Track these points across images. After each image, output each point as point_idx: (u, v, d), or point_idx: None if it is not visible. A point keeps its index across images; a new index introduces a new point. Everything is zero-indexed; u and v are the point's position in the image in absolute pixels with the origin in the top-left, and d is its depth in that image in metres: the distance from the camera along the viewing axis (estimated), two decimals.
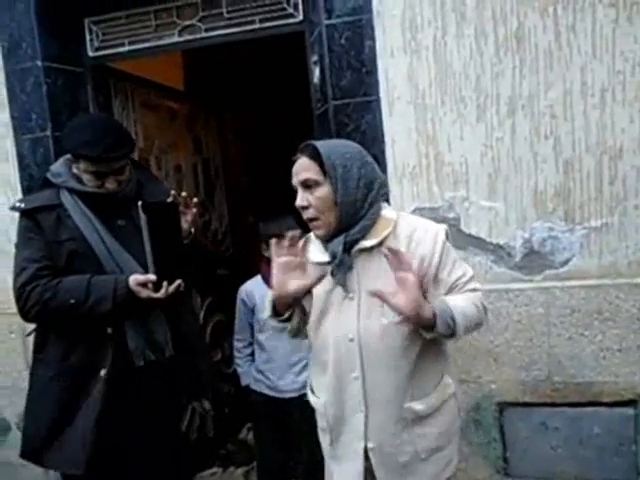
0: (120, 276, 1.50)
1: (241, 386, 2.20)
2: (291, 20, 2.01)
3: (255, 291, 2.07)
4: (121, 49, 2.17)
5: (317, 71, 1.98)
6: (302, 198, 1.20)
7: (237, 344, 2.16)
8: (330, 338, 1.24)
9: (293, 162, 1.23)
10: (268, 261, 2.01)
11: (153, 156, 2.65)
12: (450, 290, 1.23)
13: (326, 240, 1.23)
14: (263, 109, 3.57)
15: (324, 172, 1.18)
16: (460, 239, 1.83)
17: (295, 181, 1.22)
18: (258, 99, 3.49)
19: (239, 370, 2.16)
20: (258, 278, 2.10)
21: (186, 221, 1.56)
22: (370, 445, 1.24)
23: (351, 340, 1.21)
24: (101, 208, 1.56)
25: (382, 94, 1.84)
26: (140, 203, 1.44)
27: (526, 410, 1.85)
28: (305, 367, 2.00)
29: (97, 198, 1.55)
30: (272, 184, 3.68)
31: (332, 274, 1.21)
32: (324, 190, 1.18)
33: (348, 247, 1.20)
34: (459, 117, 1.81)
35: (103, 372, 1.50)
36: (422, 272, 1.19)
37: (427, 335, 1.17)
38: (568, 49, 1.72)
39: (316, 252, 1.27)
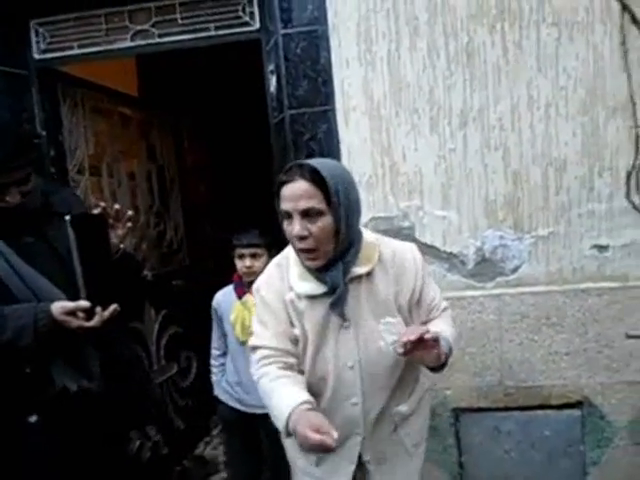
0: (40, 305, 1.28)
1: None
2: (247, 28, 2.00)
3: (224, 299, 2.04)
4: (70, 52, 2.09)
5: (274, 80, 1.97)
6: (303, 228, 1.10)
7: (213, 352, 2.14)
8: (329, 367, 1.20)
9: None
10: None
11: (105, 164, 2.56)
12: (429, 312, 1.28)
13: (318, 270, 1.16)
14: (219, 117, 3.54)
15: (327, 200, 1.09)
16: None
17: (291, 207, 1.10)
18: (214, 107, 3.46)
19: (213, 379, 2.12)
20: (229, 288, 2.05)
21: (116, 236, 1.39)
22: (366, 458, 1.26)
23: (351, 368, 1.20)
24: (3, 225, 1.32)
25: (338, 104, 1.85)
26: (68, 217, 1.26)
27: (480, 415, 1.89)
28: None
29: None
30: (230, 193, 3.67)
31: (332, 306, 1.16)
32: (327, 220, 1.10)
33: (345, 276, 1.17)
34: (413, 128, 1.84)
35: (33, 418, 1.32)
36: (412, 297, 1.23)
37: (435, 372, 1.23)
38: (515, 64, 1.79)
39: (305, 283, 1.19)
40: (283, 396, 1.10)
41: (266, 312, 1.22)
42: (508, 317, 1.84)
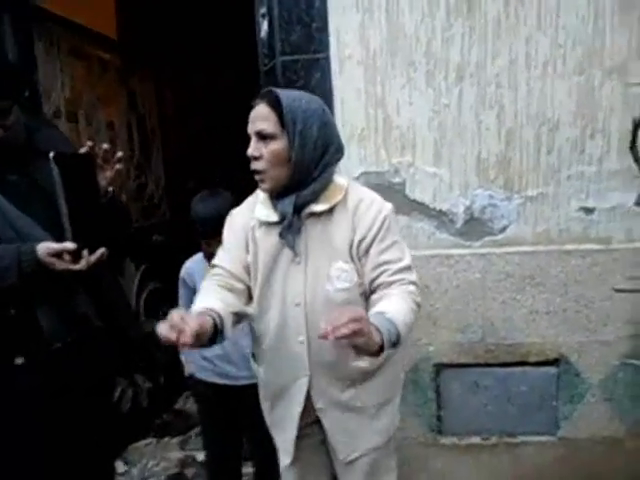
0: (24, 245, 1.23)
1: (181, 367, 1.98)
2: None
3: (196, 271, 1.89)
4: None
5: (265, 24, 1.88)
6: (255, 148, 1.13)
7: None
8: (276, 302, 1.21)
9: (245, 116, 1.15)
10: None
11: (82, 110, 2.45)
12: (377, 268, 1.17)
13: (275, 198, 1.18)
14: (204, 64, 3.39)
15: (282, 125, 1.11)
16: (405, 205, 1.85)
17: (250, 129, 1.14)
18: (199, 53, 3.30)
19: (182, 358, 1.96)
20: (199, 256, 1.92)
21: (104, 178, 1.32)
22: (319, 406, 1.24)
23: (297, 305, 1.19)
24: None
25: (332, 52, 1.79)
26: (52, 154, 1.18)
27: (460, 371, 1.93)
28: None
29: None
30: (215, 146, 3.56)
31: (280, 235, 1.16)
32: (279, 144, 1.12)
33: (298, 209, 1.15)
34: (408, 81, 1.80)
35: (19, 360, 1.28)
36: (360, 247, 1.17)
37: (372, 358, 1.11)
38: (515, 19, 1.75)
39: (264, 210, 1.21)
40: (197, 304, 1.13)
41: (229, 235, 1.27)
42: (493, 276, 1.86)
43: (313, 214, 1.17)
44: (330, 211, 1.18)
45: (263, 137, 1.12)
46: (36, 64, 2.14)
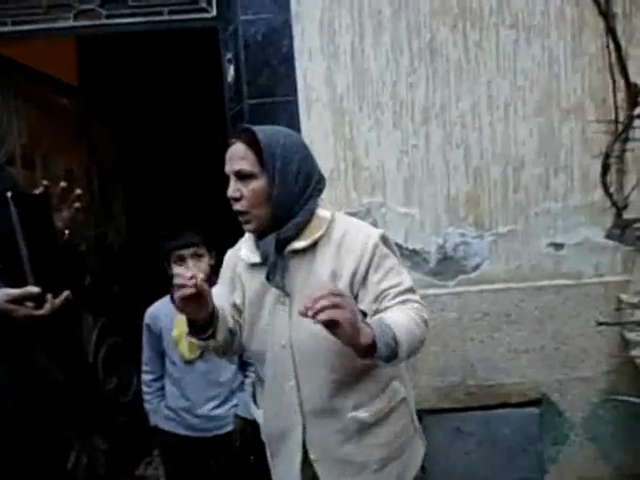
0: None
1: (142, 419, 1.87)
2: (204, 15, 1.90)
3: (161, 313, 1.80)
4: (3, 29, 1.90)
5: (231, 69, 1.88)
6: (234, 189, 1.09)
7: (145, 377, 1.85)
8: (263, 345, 1.15)
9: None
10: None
11: (39, 156, 2.34)
12: (378, 299, 1.09)
13: (258, 237, 1.13)
14: (167, 110, 3.36)
15: (261, 163, 1.07)
16: None
17: (228, 169, 1.11)
18: (162, 100, 3.28)
19: (147, 407, 1.84)
20: (165, 299, 1.81)
21: (61, 219, 1.25)
22: (312, 457, 1.15)
23: (283, 347, 1.12)
24: None
25: (300, 95, 1.79)
26: (9, 193, 1.11)
27: (442, 416, 1.85)
28: (229, 396, 1.77)
29: None
30: (179, 192, 3.48)
31: (267, 278, 1.10)
32: (259, 183, 1.08)
33: (280, 247, 1.10)
34: (376, 123, 1.81)
35: None
36: (353, 281, 1.10)
37: (366, 361, 1.01)
38: (476, 64, 1.81)
39: (247, 251, 1.17)
40: None
41: (223, 273, 1.27)
42: (469, 315, 1.83)
43: (296, 252, 1.11)
44: (313, 246, 1.11)
45: (242, 177, 1.09)
46: None
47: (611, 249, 1.83)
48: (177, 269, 1.73)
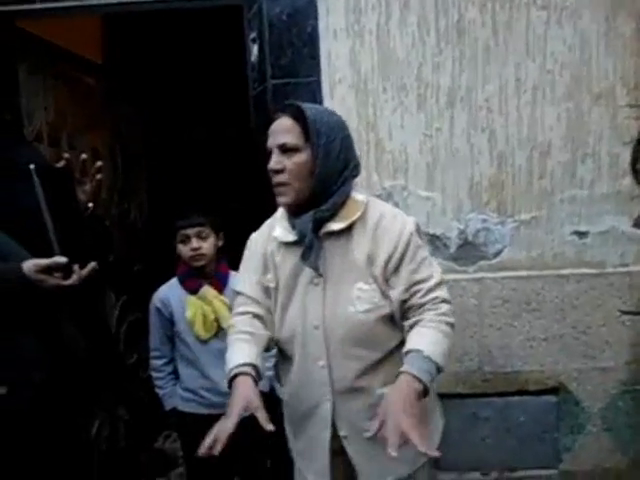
0: (7, 264, 1.16)
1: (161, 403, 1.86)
2: None
3: (171, 297, 1.80)
4: (30, 6, 1.91)
5: (255, 49, 1.87)
6: (277, 162, 1.10)
7: (155, 362, 1.84)
8: (295, 326, 1.16)
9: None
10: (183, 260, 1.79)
11: (65, 135, 2.38)
12: (409, 290, 1.12)
13: (293, 216, 1.14)
14: (191, 90, 3.36)
15: (306, 138, 1.09)
16: None
17: (271, 142, 1.12)
18: (185, 79, 3.28)
19: (161, 392, 1.84)
20: (173, 282, 1.84)
21: (83, 192, 1.27)
22: (342, 433, 1.18)
23: (316, 328, 1.14)
24: None
25: (323, 76, 1.78)
26: (32, 166, 1.13)
27: (458, 402, 1.85)
28: None
29: None
30: (199, 173, 3.50)
31: (302, 257, 1.11)
32: (302, 157, 1.10)
33: (316, 227, 1.11)
34: (400, 105, 1.79)
35: (2, 390, 1.18)
36: (387, 266, 1.12)
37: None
38: (504, 46, 1.77)
39: (281, 230, 1.18)
40: (236, 351, 1.13)
41: (249, 259, 1.25)
42: (489, 302, 1.82)
43: (331, 233, 1.13)
44: (349, 229, 1.13)
45: (286, 150, 1.10)
46: (18, 87, 2.09)
47: (638, 239, 1.79)
48: (182, 247, 1.77)
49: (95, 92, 2.56)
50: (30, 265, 1.13)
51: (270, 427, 0.97)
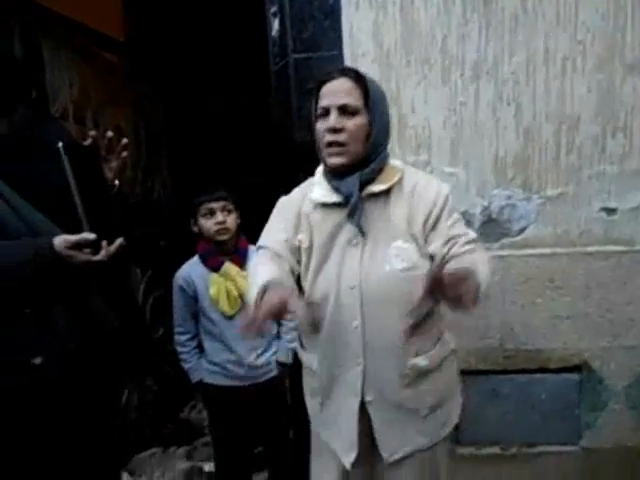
0: (39, 239, 1.18)
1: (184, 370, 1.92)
2: None
3: (193, 275, 1.84)
4: None
5: (276, 23, 1.84)
6: (337, 121, 1.12)
7: (180, 337, 1.89)
8: (329, 287, 1.17)
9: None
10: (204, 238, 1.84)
11: (89, 113, 2.41)
12: (447, 243, 1.16)
13: (334, 178, 1.17)
14: (212, 68, 3.35)
15: (364, 102, 1.13)
16: None
17: (329, 102, 1.13)
18: (207, 56, 3.26)
19: (187, 366, 1.90)
20: (194, 260, 1.88)
21: (110, 169, 1.28)
22: (368, 399, 1.19)
23: (352, 288, 1.15)
24: None
25: (346, 49, 1.74)
26: (60, 143, 1.15)
27: (479, 378, 1.86)
28: (269, 344, 1.87)
29: None
30: (222, 151, 3.51)
31: (349, 216, 1.15)
32: (362, 120, 1.13)
33: (359, 189, 1.15)
34: (424, 78, 1.75)
35: (37, 360, 1.21)
36: (426, 225, 1.17)
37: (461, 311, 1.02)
38: (533, 14, 1.70)
39: (322, 191, 1.20)
40: (259, 272, 1.13)
41: (278, 219, 1.26)
42: (512, 279, 1.80)
43: (372, 195, 1.17)
44: (387, 192, 1.18)
45: (346, 111, 1.12)
46: (43, 65, 2.11)
47: None
48: (205, 222, 1.79)
49: (117, 69, 2.57)
50: (61, 240, 1.16)
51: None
